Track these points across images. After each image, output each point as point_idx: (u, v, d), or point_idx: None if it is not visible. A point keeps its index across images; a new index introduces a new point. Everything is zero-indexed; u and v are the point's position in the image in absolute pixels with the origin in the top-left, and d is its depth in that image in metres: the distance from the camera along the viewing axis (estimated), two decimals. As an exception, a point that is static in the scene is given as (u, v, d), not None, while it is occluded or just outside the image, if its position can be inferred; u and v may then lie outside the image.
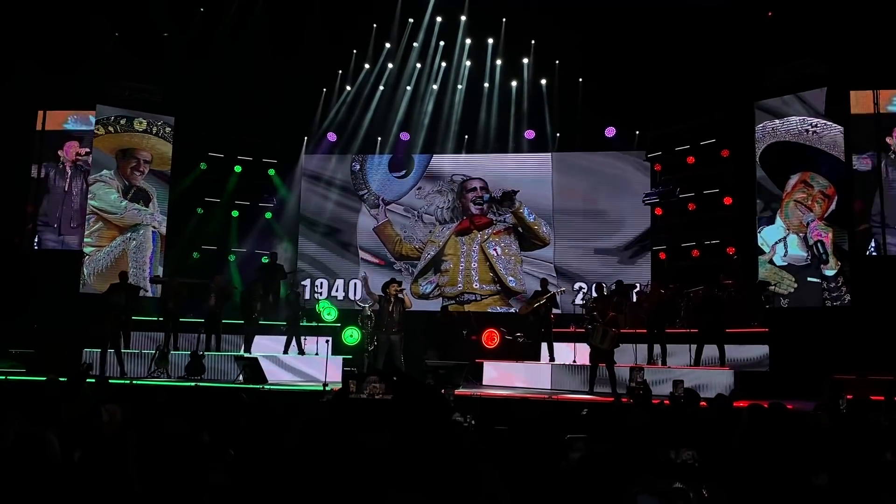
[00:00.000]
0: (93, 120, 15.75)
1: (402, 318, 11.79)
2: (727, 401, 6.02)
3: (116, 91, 15.86)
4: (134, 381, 11.24)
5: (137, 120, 16.04)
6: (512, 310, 16.05)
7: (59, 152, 15.83)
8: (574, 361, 12.90)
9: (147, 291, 15.03)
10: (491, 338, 14.75)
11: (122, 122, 15.96)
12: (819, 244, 13.23)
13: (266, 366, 12.17)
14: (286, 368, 13.03)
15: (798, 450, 3.56)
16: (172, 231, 16.16)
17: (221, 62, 15.01)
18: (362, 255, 17.23)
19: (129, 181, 15.97)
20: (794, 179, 13.72)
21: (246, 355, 12.66)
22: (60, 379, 8.08)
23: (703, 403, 6.25)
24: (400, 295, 11.81)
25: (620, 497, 2.90)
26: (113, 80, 15.76)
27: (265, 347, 13.55)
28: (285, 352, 13.41)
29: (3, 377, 10.97)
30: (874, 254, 12.73)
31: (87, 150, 15.76)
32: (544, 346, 13.40)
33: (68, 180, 15.82)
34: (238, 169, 16.66)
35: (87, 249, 15.46)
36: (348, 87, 16.93)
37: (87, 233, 15.56)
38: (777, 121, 13.96)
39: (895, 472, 3.46)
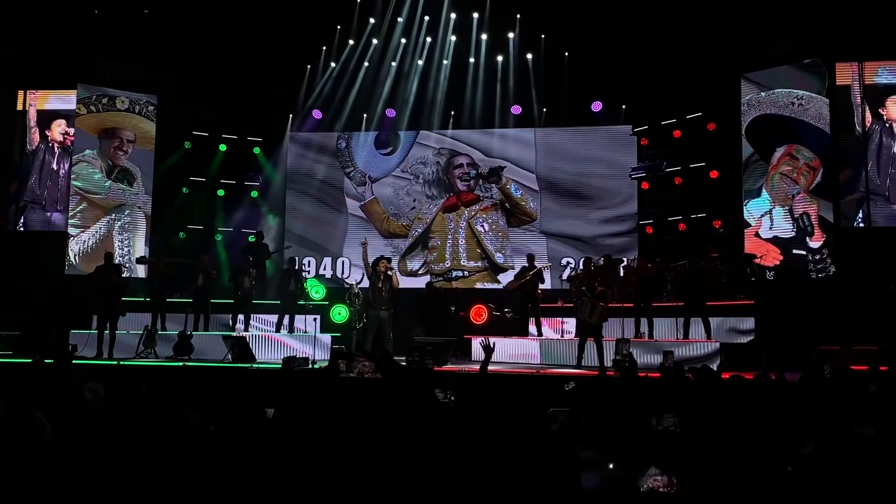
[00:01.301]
0: (74, 99, 15.52)
1: (392, 296, 11.79)
2: (714, 373, 6.07)
3: (97, 70, 15.62)
4: (121, 363, 11.19)
5: (119, 99, 15.83)
6: (499, 286, 16.08)
7: (47, 132, 15.60)
8: (562, 336, 12.97)
9: (132, 272, 14.94)
10: (479, 314, 14.80)
11: (105, 101, 15.75)
12: (804, 216, 13.30)
13: (254, 345, 12.15)
14: (275, 347, 13.01)
15: (784, 420, 3.59)
16: (158, 211, 16.04)
17: (204, 39, 14.79)
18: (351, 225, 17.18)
19: (113, 161, 15.80)
20: (779, 152, 13.75)
21: (234, 334, 12.64)
22: (46, 360, 8.05)
23: (688, 375, 6.30)
24: (389, 272, 11.79)
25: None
26: (93, 58, 15.51)
27: (253, 326, 13.54)
28: (277, 330, 13.39)
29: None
30: (861, 225, 12.81)
31: (72, 129, 15.55)
32: (532, 321, 13.46)
33: (56, 160, 15.62)
34: (223, 148, 16.54)
35: (72, 230, 15.33)
36: (333, 64, 16.76)
37: (71, 213, 15.41)
38: (763, 93, 13.96)
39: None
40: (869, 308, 11.25)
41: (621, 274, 14.03)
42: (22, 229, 15.31)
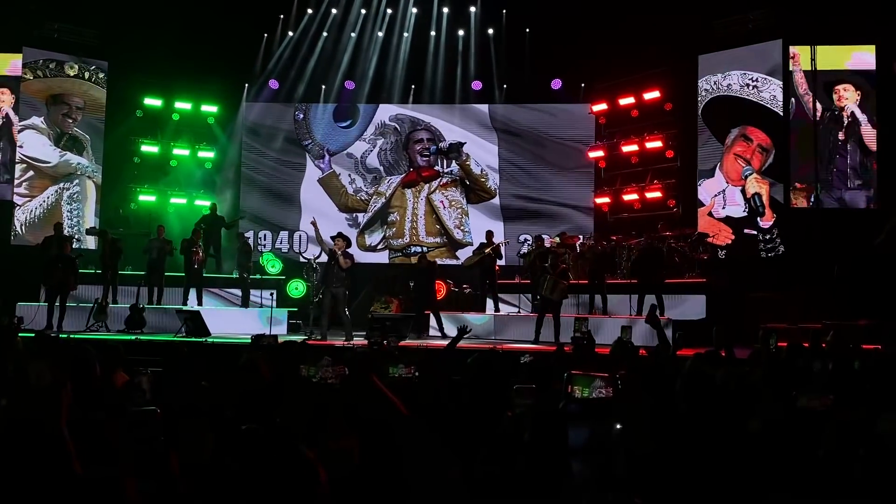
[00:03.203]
0: (19, 64, 14.96)
1: (348, 273, 11.65)
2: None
3: (45, 33, 15.06)
4: (71, 336, 10.93)
5: (69, 64, 15.31)
6: (458, 261, 16.12)
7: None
8: (518, 312, 13.08)
9: (80, 243, 14.56)
10: (437, 289, 14.80)
11: (52, 66, 15.22)
12: (756, 197, 13.58)
13: (209, 318, 11.95)
14: (229, 321, 12.85)
15: (732, 397, 3.69)
16: (108, 180, 15.64)
17: (158, 5, 14.37)
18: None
19: (61, 128, 15.32)
20: (734, 133, 13.99)
21: (187, 308, 12.44)
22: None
23: (642, 352, 6.43)
24: (338, 252, 11.49)
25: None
26: (41, 21, 14.94)
27: (207, 300, 13.36)
28: (244, 305, 13.29)
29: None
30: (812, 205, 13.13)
31: (14, 97, 14.99)
32: (490, 296, 13.53)
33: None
34: (176, 117, 16.14)
35: (17, 199, 14.85)
36: (290, 33, 16.45)
37: (16, 181, 14.92)
38: (719, 74, 14.14)
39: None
40: (815, 287, 11.58)
41: (577, 251, 14.17)
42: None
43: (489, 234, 14.07)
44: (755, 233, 13.52)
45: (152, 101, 15.93)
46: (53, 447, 2.50)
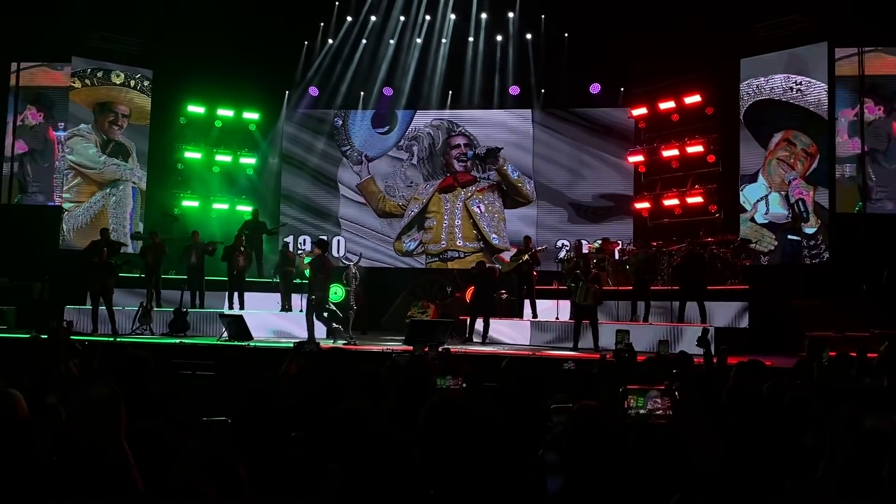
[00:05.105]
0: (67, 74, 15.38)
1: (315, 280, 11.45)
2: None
3: (92, 43, 15.45)
4: (118, 339, 11.19)
5: (115, 73, 15.69)
6: (497, 267, 16.07)
7: (41, 110, 15.49)
8: (556, 318, 13.03)
9: (128, 247, 14.88)
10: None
11: (99, 74, 15.61)
12: (800, 202, 13.35)
13: (251, 322, 12.12)
14: (271, 325, 13.02)
15: (785, 409, 3.64)
16: (152, 186, 15.97)
17: (200, 14, 14.63)
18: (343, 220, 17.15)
19: (108, 135, 15.69)
20: (777, 137, 13.77)
21: (230, 312, 12.63)
22: (43, 336, 8.05)
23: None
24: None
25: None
26: (88, 31, 15.34)
27: (250, 304, 13.53)
28: (283, 309, 13.42)
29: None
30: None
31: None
32: (527, 302, 13.48)
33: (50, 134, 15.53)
34: (219, 123, 16.42)
35: (66, 205, 15.25)
36: (330, 41, 16.62)
37: (65, 188, 15.33)
38: (762, 78, 13.94)
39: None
40: (862, 294, 11.33)
41: (617, 258, 14.07)
42: (17, 202, 15.25)
43: (527, 239, 14.02)
44: (798, 238, 13.29)
45: (195, 109, 16.21)
46: (113, 461, 2.54)
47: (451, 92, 16.72)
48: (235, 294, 13.48)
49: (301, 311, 13.15)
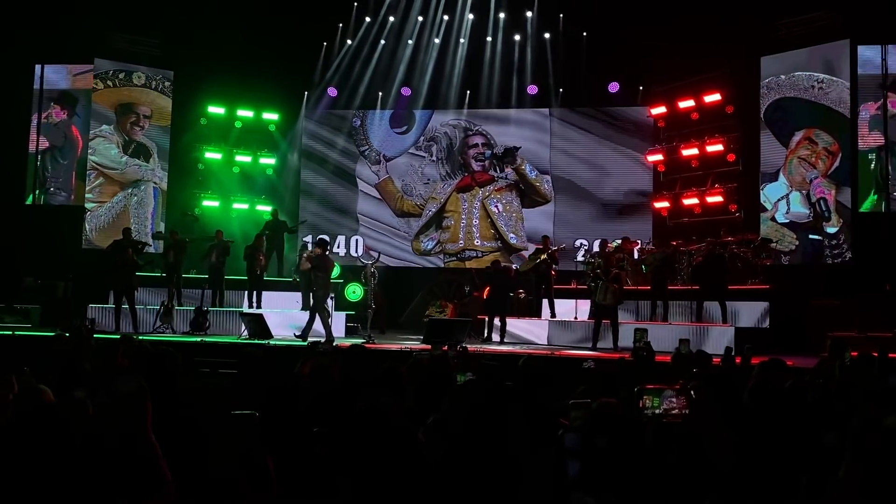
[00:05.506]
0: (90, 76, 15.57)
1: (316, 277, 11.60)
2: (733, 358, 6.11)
3: (114, 44, 15.64)
4: (140, 337, 11.30)
5: (136, 74, 15.87)
6: (513, 266, 16.07)
7: (65, 110, 15.70)
8: (575, 318, 13.00)
9: (150, 247, 15.04)
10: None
11: (121, 76, 15.79)
12: (822, 201, 13.22)
13: (271, 321, 12.20)
14: (291, 324, 13.08)
15: (808, 408, 3.63)
16: (173, 186, 16.13)
17: (220, 15, 14.76)
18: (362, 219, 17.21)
19: (129, 136, 15.87)
20: (798, 136, 13.65)
21: (250, 311, 12.73)
22: (67, 335, 8.17)
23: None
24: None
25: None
26: (110, 33, 15.52)
27: (270, 303, 13.62)
28: (303, 308, 13.47)
29: (10, 332, 11.06)
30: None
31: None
32: (545, 302, 13.47)
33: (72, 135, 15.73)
34: (238, 124, 16.56)
35: (88, 205, 15.44)
36: (349, 41, 16.70)
37: (88, 188, 15.52)
38: (782, 76, 13.82)
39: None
40: (884, 294, 11.21)
41: (636, 257, 14.01)
42: (40, 203, 15.47)
43: (545, 238, 14.00)
44: (820, 238, 13.17)
45: (216, 109, 16.35)
46: (141, 453, 2.60)
47: (468, 92, 16.74)
48: (255, 293, 13.58)
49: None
